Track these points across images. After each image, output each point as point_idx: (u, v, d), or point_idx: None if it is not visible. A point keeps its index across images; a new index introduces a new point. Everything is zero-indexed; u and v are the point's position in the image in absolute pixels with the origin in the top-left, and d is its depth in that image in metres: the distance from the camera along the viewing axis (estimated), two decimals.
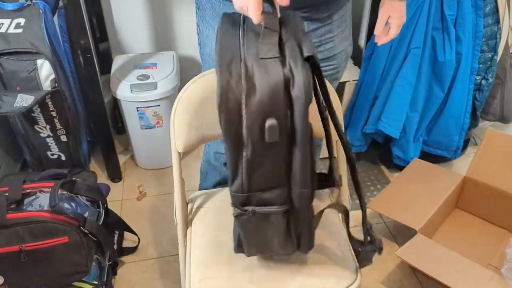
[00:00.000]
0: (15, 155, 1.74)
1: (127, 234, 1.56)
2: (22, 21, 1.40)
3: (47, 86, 1.44)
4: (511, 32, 1.70)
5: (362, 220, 0.88)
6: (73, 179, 1.27)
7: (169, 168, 1.90)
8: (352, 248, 0.97)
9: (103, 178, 1.84)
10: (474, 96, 1.74)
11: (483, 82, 1.72)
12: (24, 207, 1.15)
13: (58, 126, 1.54)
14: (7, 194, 1.13)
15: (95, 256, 1.26)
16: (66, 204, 1.20)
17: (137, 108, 1.70)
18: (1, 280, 1.13)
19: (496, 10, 1.62)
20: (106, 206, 1.34)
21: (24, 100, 1.36)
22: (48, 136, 1.56)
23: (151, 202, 1.75)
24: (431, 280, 1.25)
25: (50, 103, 1.48)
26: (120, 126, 2.03)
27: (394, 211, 1.49)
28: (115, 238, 1.49)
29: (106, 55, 1.95)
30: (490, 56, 1.68)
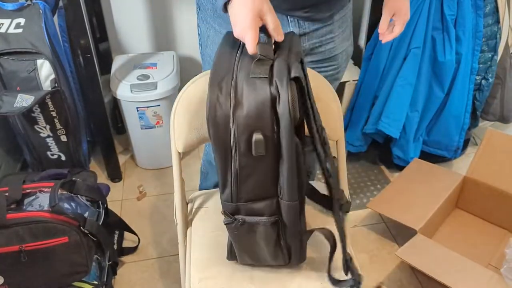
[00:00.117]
0: (15, 155, 1.74)
1: (127, 234, 1.56)
2: (22, 21, 1.40)
3: (47, 86, 1.44)
4: (511, 32, 1.70)
5: (342, 250, 0.87)
6: (73, 179, 1.27)
7: (169, 168, 1.90)
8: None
9: (103, 178, 1.84)
10: (474, 96, 1.74)
11: (483, 82, 1.72)
12: (24, 207, 1.15)
13: (58, 126, 1.54)
14: (7, 194, 1.13)
15: (95, 256, 1.26)
16: (66, 204, 1.20)
17: (137, 108, 1.70)
18: (1, 280, 1.13)
19: (496, 10, 1.62)
20: (106, 206, 1.34)
21: (24, 100, 1.36)
22: (48, 136, 1.56)
23: (151, 202, 1.75)
24: (431, 280, 1.25)
25: (50, 103, 1.48)
26: (120, 126, 2.03)
27: (394, 211, 1.49)
28: (115, 238, 1.49)
29: (106, 55, 1.95)
30: (490, 56, 1.68)
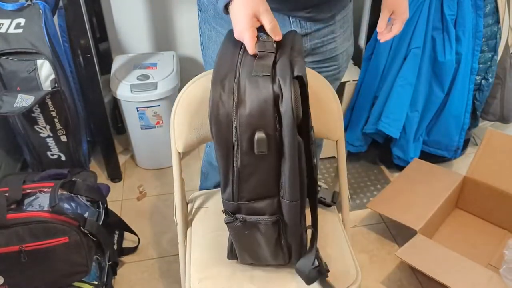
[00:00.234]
0: (15, 155, 1.74)
1: (127, 234, 1.56)
2: (22, 21, 1.40)
3: (47, 86, 1.44)
4: (511, 32, 1.70)
5: (311, 242, 0.88)
6: (73, 179, 1.27)
7: (169, 168, 1.90)
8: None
9: (103, 178, 1.84)
10: (474, 96, 1.74)
11: (483, 82, 1.72)
12: (24, 207, 1.15)
13: (58, 126, 1.54)
14: (7, 194, 1.13)
15: (95, 256, 1.26)
16: (66, 204, 1.20)
17: (137, 108, 1.70)
18: (1, 280, 1.13)
19: (496, 10, 1.62)
20: (106, 206, 1.34)
21: (24, 100, 1.36)
22: (48, 136, 1.56)
23: (151, 202, 1.75)
24: (431, 280, 1.25)
25: (50, 103, 1.48)
26: (120, 126, 2.03)
27: (394, 211, 1.49)
28: (115, 238, 1.49)
29: (106, 55, 1.95)
30: (490, 56, 1.68)
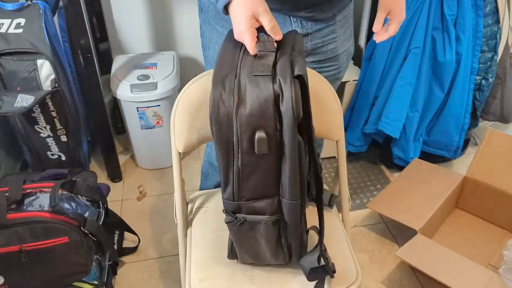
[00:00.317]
0: (15, 155, 1.74)
1: (127, 234, 1.56)
2: (22, 21, 1.40)
3: (47, 86, 1.44)
4: (511, 32, 1.70)
5: (319, 241, 0.87)
6: (73, 179, 1.27)
7: (169, 168, 1.90)
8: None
9: (103, 178, 1.84)
10: (474, 96, 1.74)
11: (483, 82, 1.72)
12: (24, 207, 1.15)
13: (58, 126, 1.54)
14: (7, 194, 1.13)
15: (95, 256, 1.26)
16: (66, 204, 1.20)
17: (137, 108, 1.70)
18: (1, 280, 1.13)
19: (496, 10, 1.62)
20: (106, 206, 1.34)
21: (24, 100, 1.36)
22: (48, 136, 1.56)
23: (151, 202, 1.75)
24: (431, 280, 1.25)
25: (50, 103, 1.48)
26: (120, 126, 2.03)
27: (394, 211, 1.49)
28: (115, 238, 1.49)
29: (106, 55, 1.95)
30: (490, 56, 1.68)
